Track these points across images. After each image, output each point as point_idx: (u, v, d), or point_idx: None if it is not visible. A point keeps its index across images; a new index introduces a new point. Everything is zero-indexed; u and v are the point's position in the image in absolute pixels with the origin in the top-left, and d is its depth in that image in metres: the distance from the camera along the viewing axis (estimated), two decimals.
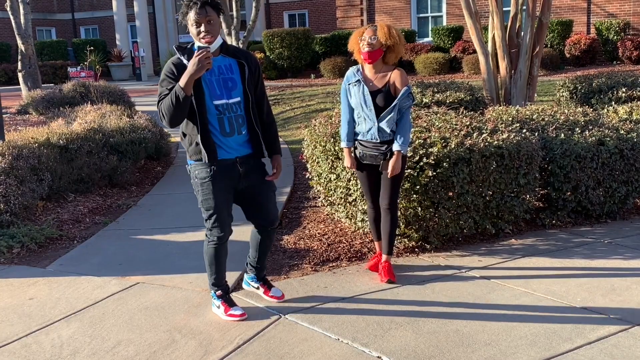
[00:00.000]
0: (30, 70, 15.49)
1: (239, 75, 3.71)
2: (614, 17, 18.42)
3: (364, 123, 4.41)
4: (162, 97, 3.57)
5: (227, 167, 3.69)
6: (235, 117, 3.68)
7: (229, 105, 3.67)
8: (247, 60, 3.75)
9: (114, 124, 8.33)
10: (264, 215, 3.91)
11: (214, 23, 3.54)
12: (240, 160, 3.72)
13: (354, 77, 4.45)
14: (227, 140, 3.67)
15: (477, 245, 5.17)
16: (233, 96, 3.68)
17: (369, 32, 4.35)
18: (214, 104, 3.63)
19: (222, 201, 3.71)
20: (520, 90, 8.80)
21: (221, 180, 3.69)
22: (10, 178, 5.98)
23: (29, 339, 3.79)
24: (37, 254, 5.34)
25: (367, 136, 4.41)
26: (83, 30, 34.76)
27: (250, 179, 3.79)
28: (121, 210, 6.68)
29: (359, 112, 4.41)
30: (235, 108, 3.69)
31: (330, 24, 27.10)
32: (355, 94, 4.40)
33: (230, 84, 3.68)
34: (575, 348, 3.46)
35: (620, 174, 5.70)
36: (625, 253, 4.91)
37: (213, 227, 3.78)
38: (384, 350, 3.49)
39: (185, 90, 3.45)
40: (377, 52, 4.33)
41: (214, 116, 3.63)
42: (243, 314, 3.89)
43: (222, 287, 3.97)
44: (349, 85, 4.46)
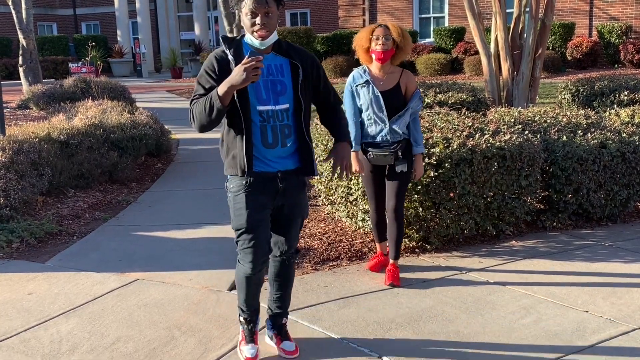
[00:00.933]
0: (31, 65, 15.47)
1: (290, 79, 3.15)
2: (616, 21, 18.42)
3: (374, 125, 4.30)
4: (196, 97, 3.09)
5: (266, 180, 3.15)
6: (281, 126, 3.12)
7: (275, 112, 3.11)
8: (303, 61, 3.18)
9: (114, 120, 8.32)
10: (284, 240, 3.36)
11: (272, 16, 3.02)
12: (282, 175, 3.18)
13: (361, 78, 4.34)
14: (267, 152, 3.14)
15: (477, 247, 5.16)
16: (281, 102, 3.13)
17: (382, 30, 4.26)
18: (257, 110, 3.10)
19: (257, 219, 3.15)
20: (522, 91, 8.80)
21: (257, 195, 3.15)
22: (11, 172, 5.97)
23: (28, 334, 3.78)
24: (36, 249, 5.33)
25: (377, 139, 4.30)
26: (84, 26, 34.73)
27: (286, 197, 3.24)
28: (121, 207, 6.67)
29: (368, 114, 4.30)
30: (282, 116, 3.13)
31: (332, 23, 27.08)
32: (365, 96, 4.30)
33: (279, 87, 3.13)
34: (577, 351, 3.45)
35: (621, 177, 5.69)
36: (626, 256, 4.90)
37: (244, 250, 3.20)
38: (384, 351, 3.48)
39: (222, 101, 2.93)
40: (390, 51, 4.26)
41: (257, 123, 3.10)
42: (254, 358, 3.37)
43: (246, 314, 3.43)
44: (356, 86, 4.34)
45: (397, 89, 4.32)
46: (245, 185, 3.14)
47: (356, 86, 4.34)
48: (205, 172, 8.15)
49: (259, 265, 3.22)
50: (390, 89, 4.30)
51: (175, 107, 15.17)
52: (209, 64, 3.09)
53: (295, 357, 3.43)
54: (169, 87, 20.98)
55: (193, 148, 9.76)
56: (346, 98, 4.38)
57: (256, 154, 3.13)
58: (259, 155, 3.14)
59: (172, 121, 11.70)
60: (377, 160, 4.31)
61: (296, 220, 3.34)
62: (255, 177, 3.13)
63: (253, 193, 3.14)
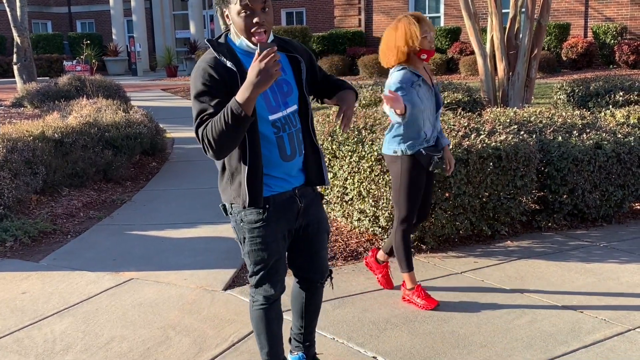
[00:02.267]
0: (26, 63, 15.41)
1: (293, 75, 2.75)
2: (611, 21, 18.47)
3: (429, 128, 3.92)
4: (205, 118, 2.49)
5: (285, 202, 2.72)
6: (296, 132, 2.71)
7: (287, 117, 2.68)
8: (302, 54, 2.78)
9: (109, 119, 8.29)
10: (316, 264, 2.96)
11: (269, 11, 2.54)
12: (299, 192, 2.76)
13: (415, 78, 3.83)
14: (286, 166, 2.69)
15: (472, 247, 5.16)
16: (290, 104, 2.70)
17: (427, 26, 3.79)
18: (269, 120, 2.63)
19: (278, 251, 2.75)
20: (517, 92, 8.81)
21: (277, 223, 2.71)
22: (4, 171, 5.93)
23: (21, 333, 3.76)
24: (30, 248, 5.30)
25: (430, 142, 3.94)
26: (79, 24, 34.63)
27: (308, 215, 2.83)
28: (116, 206, 6.65)
29: (427, 115, 3.88)
30: (294, 120, 2.71)
31: (328, 22, 27.07)
32: (423, 96, 3.84)
33: (285, 87, 2.70)
34: (572, 351, 3.45)
35: (616, 177, 5.70)
36: (621, 257, 4.90)
37: (260, 284, 2.81)
38: (379, 351, 3.48)
39: (245, 109, 2.37)
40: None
41: (271, 136, 2.63)
42: None
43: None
44: (414, 86, 3.81)
45: (435, 88, 4.03)
46: (263, 215, 2.67)
47: (413, 86, 3.82)
48: (200, 171, 8.13)
49: (277, 294, 2.86)
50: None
51: (170, 105, 15.14)
52: (204, 77, 2.51)
53: None
54: (164, 85, 20.95)
55: (188, 147, 9.74)
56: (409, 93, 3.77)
57: (275, 174, 2.68)
58: (279, 173, 2.69)
59: (167, 120, 11.67)
60: (436, 166, 3.89)
61: (324, 238, 2.94)
62: (274, 203, 2.68)
63: (272, 223, 2.69)
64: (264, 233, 2.69)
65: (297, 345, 3.20)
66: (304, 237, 2.86)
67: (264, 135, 2.62)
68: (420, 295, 4.02)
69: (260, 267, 2.75)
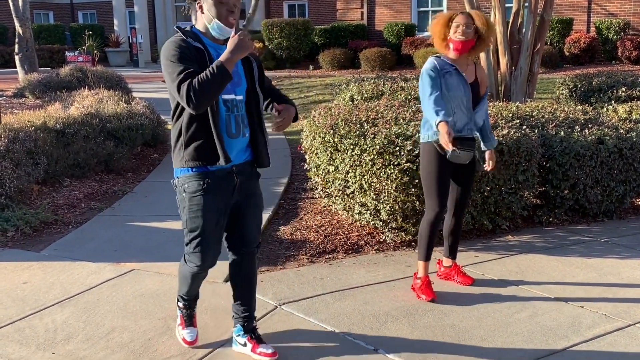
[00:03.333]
0: (28, 54, 15.38)
1: (243, 70, 3.20)
2: (614, 17, 18.41)
3: (460, 116, 3.93)
4: (188, 73, 2.88)
5: (223, 178, 3.10)
6: (241, 116, 3.15)
7: (236, 102, 3.14)
8: (254, 58, 3.26)
9: (111, 110, 8.28)
10: (244, 235, 3.30)
11: (238, 5, 3.05)
12: (237, 169, 3.14)
13: (448, 66, 3.93)
14: (231, 142, 3.10)
15: (473, 241, 5.16)
16: (238, 93, 3.16)
17: (464, 18, 3.87)
18: (223, 99, 3.08)
19: (213, 223, 3.10)
20: (520, 86, 8.78)
21: (215, 196, 3.08)
22: (6, 161, 5.94)
23: (23, 322, 3.76)
24: (31, 238, 5.30)
25: (463, 132, 3.94)
26: (81, 15, 34.54)
27: (242, 191, 3.20)
28: (117, 197, 6.65)
29: (456, 105, 3.91)
30: (241, 106, 3.16)
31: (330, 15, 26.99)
32: (456, 85, 3.90)
33: (236, 78, 3.13)
34: (572, 346, 3.46)
35: (618, 173, 5.69)
36: (622, 252, 4.91)
37: (193, 253, 3.14)
38: (380, 343, 3.48)
39: (227, 66, 2.86)
40: (470, 42, 3.91)
41: (223, 114, 3.08)
42: (194, 341, 3.43)
43: (186, 300, 3.47)
44: (444, 73, 3.91)
45: (477, 83, 4.03)
46: (203, 186, 3.05)
47: (443, 73, 3.91)
48: None
49: (207, 266, 3.20)
50: (472, 83, 4.00)
51: None
52: (179, 48, 2.94)
53: (276, 358, 3.31)
54: None
55: None
56: (427, 84, 3.86)
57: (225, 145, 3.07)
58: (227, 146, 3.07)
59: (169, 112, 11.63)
60: (458, 158, 3.86)
61: (255, 213, 3.29)
62: (213, 176, 3.06)
63: (212, 194, 3.06)
64: (202, 202, 3.05)
65: (236, 317, 3.45)
66: (236, 210, 3.22)
67: (220, 110, 3.05)
68: (422, 287, 4.07)
69: (195, 235, 3.09)
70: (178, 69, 2.90)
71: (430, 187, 3.99)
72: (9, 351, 3.43)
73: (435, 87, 3.85)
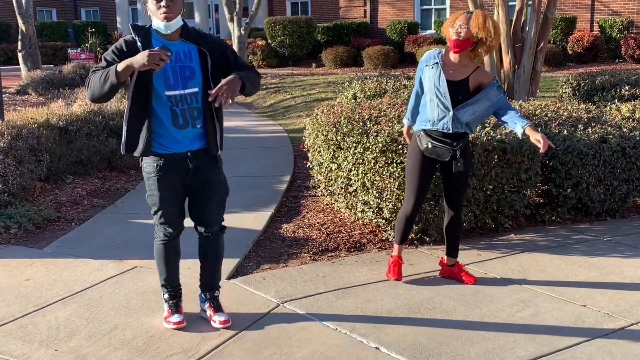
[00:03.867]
0: (31, 51, 15.39)
1: (199, 64, 3.37)
2: (617, 15, 18.37)
3: (436, 109, 4.02)
4: (98, 69, 3.24)
5: (177, 161, 3.40)
6: (190, 109, 3.36)
7: (184, 96, 3.33)
8: (211, 47, 3.40)
9: (114, 107, 8.28)
10: (203, 217, 3.58)
11: (177, 0, 3.26)
12: (191, 155, 3.42)
13: (432, 60, 4.07)
14: (179, 132, 3.37)
15: (476, 240, 5.16)
16: (189, 86, 3.34)
17: (463, 18, 3.95)
18: (165, 95, 3.31)
19: (169, 197, 3.46)
20: (523, 85, 8.77)
21: (169, 175, 3.42)
22: (9, 158, 5.94)
23: (26, 319, 3.77)
24: (34, 235, 5.31)
25: (437, 125, 4.02)
26: (84, 12, 34.57)
27: (199, 175, 3.49)
28: (120, 194, 6.66)
29: (431, 97, 4.04)
30: (191, 99, 3.35)
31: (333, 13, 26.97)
32: (430, 78, 4.04)
33: (187, 72, 3.34)
34: (574, 345, 3.46)
35: (621, 172, 5.68)
36: (625, 251, 4.90)
37: (160, 224, 3.56)
38: (382, 342, 3.48)
39: (118, 77, 3.14)
40: (465, 42, 3.94)
41: (166, 107, 3.32)
42: (181, 321, 3.61)
43: (170, 291, 3.68)
44: (426, 66, 4.08)
45: (465, 83, 4.02)
46: (156, 168, 3.41)
47: (425, 66, 4.09)
48: None
49: (174, 234, 3.58)
50: (458, 81, 4.01)
51: None
52: (117, 44, 3.30)
53: (229, 325, 3.62)
54: None
55: None
56: (417, 77, 4.19)
57: (165, 134, 3.37)
58: (170, 135, 3.37)
59: None
60: (432, 152, 4.03)
61: (212, 196, 3.56)
62: (166, 159, 3.39)
63: (165, 174, 3.42)
64: (157, 182, 3.43)
65: (201, 285, 3.79)
66: (196, 193, 3.54)
67: (161, 105, 3.33)
68: (390, 263, 4.35)
69: (156, 209, 3.50)
70: (101, 63, 3.29)
71: (408, 181, 4.19)
72: (12, 348, 3.44)
73: (417, 80, 4.17)
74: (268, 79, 16.65)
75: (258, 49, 20.73)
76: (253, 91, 3.46)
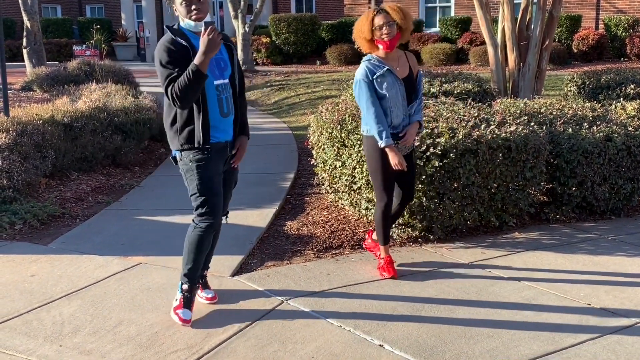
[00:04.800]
0: (36, 47, 15.40)
1: (227, 57, 3.65)
2: (623, 13, 18.31)
3: (397, 115, 4.13)
4: (172, 78, 3.36)
5: (220, 150, 3.60)
6: (228, 98, 3.62)
7: (226, 85, 3.60)
8: (232, 43, 3.75)
9: (118, 104, 8.29)
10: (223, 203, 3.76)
11: (204, 1, 3.46)
12: (230, 145, 3.68)
13: (379, 69, 4.10)
14: (223, 121, 3.59)
15: (480, 238, 5.15)
16: (225, 77, 3.62)
17: (383, 18, 4.06)
18: (214, 84, 3.53)
19: (215, 186, 3.58)
20: (528, 83, 8.75)
21: (215, 164, 3.58)
22: (14, 154, 5.96)
23: (30, 315, 3.78)
24: (39, 231, 5.33)
25: (398, 129, 4.16)
26: (89, 9, 34.58)
27: (227, 165, 3.73)
28: (124, 190, 6.67)
29: (392, 104, 4.10)
30: (229, 89, 3.63)
31: (338, 10, 26.96)
32: (389, 85, 4.08)
33: (222, 64, 3.61)
34: (578, 343, 3.45)
35: (626, 170, 5.67)
36: (630, 250, 4.89)
37: (205, 214, 3.57)
38: (386, 339, 3.48)
39: (201, 68, 3.31)
40: (396, 37, 4.11)
41: (214, 96, 3.53)
42: (189, 320, 3.62)
43: (190, 283, 3.70)
44: (378, 77, 4.09)
45: (411, 74, 4.21)
46: (207, 153, 3.53)
47: (376, 77, 4.10)
48: None
49: (216, 225, 3.63)
50: (407, 76, 4.18)
51: None
52: (166, 48, 3.40)
53: (215, 301, 3.88)
54: None
55: None
56: (364, 93, 4.09)
57: (215, 124, 3.54)
58: (217, 124, 3.55)
59: None
60: (401, 151, 4.17)
61: (231, 185, 3.86)
62: (213, 149, 3.55)
63: (212, 164, 3.56)
64: (207, 168, 3.54)
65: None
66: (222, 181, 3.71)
67: (210, 95, 3.51)
68: (384, 265, 4.36)
69: (205, 197, 3.54)
70: (165, 73, 3.40)
71: (376, 181, 4.26)
72: (17, 343, 3.45)
73: (372, 97, 4.09)
74: (272, 76, 16.65)
75: (262, 46, 20.73)
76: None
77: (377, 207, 4.31)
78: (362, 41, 4.19)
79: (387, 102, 4.11)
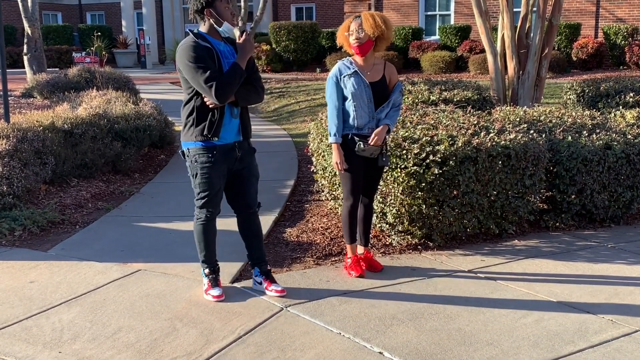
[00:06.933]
0: (36, 54, 15.44)
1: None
2: (622, 22, 18.36)
3: (361, 117, 4.28)
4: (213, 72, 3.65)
5: (227, 151, 3.89)
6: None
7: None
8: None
9: (119, 111, 8.31)
10: (246, 199, 4.09)
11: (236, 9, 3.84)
12: (238, 145, 3.94)
13: (348, 69, 4.31)
14: (232, 122, 3.88)
15: (480, 245, 5.15)
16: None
17: (355, 24, 4.26)
18: None
19: (218, 184, 3.91)
20: (527, 91, 8.77)
21: (221, 164, 3.88)
22: (14, 160, 5.97)
23: (30, 321, 3.78)
24: (38, 238, 5.33)
25: (364, 130, 4.30)
26: (89, 16, 34.68)
27: (243, 162, 4.00)
28: (124, 197, 6.67)
29: (357, 104, 4.27)
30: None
31: (337, 18, 27.03)
32: (354, 86, 4.26)
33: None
34: (578, 351, 3.45)
35: (625, 178, 5.68)
36: (629, 258, 4.89)
37: (204, 206, 3.97)
38: (385, 346, 3.48)
39: (243, 66, 3.76)
40: (367, 44, 4.26)
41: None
42: (220, 295, 4.02)
43: (210, 266, 4.10)
44: (343, 77, 4.30)
45: (383, 80, 4.36)
46: (210, 158, 3.83)
47: (343, 77, 4.30)
48: None
49: (215, 213, 4.00)
50: (377, 81, 4.33)
51: (179, 99, 15.13)
52: (192, 50, 3.71)
53: (285, 294, 4.07)
54: (173, 79, 20.94)
55: None
56: (330, 88, 4.33)
57: (224, 125, 3.83)
58: (226, 126, 3.85)
59: (176, 113, 11.62)
60: (365, 152, 4.28)
61: (253, 180, 4.09)
62: (219, 150, 3.84)
63: (217, 164, 3.86)
64: (210, 171, 3.86)
65: (251, 262, 4.26)
66: (239, 179, 4.03)
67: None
68: (351, 265, 4.49)
69: (205, 194, 3.92)
70: (200, 70, 3.67)
71: (345, 182, 4.41)
72: (16, 350, 3.44)
73: (334, 95, 4.30)
74: (272, 83, 16.68)
75: (262, 54, 20.77)
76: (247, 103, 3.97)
77: (344, 207, 4.48)
78: (344, 44, 4.40)
79: (351, 102, 4.28)
